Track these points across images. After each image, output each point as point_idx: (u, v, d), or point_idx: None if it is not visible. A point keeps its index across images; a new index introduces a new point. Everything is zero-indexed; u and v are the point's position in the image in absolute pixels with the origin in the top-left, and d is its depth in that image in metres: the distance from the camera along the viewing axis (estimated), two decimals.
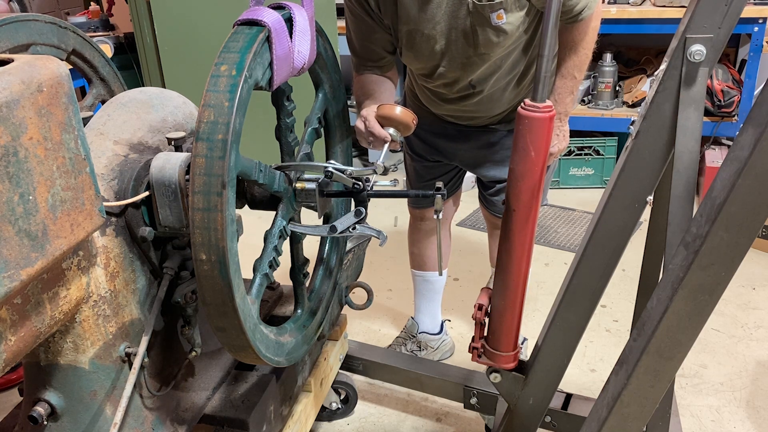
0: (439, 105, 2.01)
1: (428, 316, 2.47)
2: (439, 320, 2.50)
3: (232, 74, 1.11)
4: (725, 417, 2.16)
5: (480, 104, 1.94)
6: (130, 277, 1.31)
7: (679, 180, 1.16)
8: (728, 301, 2.76)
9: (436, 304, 2.47)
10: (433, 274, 2.37)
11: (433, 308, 2.47)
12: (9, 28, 1.40)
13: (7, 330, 1.02)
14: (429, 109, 2.05)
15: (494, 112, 1.99)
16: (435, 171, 2.18)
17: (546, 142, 1.28)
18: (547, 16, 1.20)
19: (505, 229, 1.37)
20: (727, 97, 3.58)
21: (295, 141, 1.44)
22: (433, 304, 2.46)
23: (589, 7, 1.69)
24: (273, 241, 1.33)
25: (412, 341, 2.48)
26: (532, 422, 1.52)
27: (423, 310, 2.47)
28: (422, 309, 2.47)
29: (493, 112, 1.99)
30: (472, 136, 2.06)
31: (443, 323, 2.52)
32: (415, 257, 2.40)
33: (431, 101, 2.02)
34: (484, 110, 1.96)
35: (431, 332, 2.48)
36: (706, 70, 1.13)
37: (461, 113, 2.01)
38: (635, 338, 1.16)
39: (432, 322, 2.48)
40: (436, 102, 2.00)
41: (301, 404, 1.77)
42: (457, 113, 2.01)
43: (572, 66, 1.77)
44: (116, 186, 1.29)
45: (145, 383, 1.36)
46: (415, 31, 1.74)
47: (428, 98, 2.02)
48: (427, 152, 2.14)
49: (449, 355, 2.53)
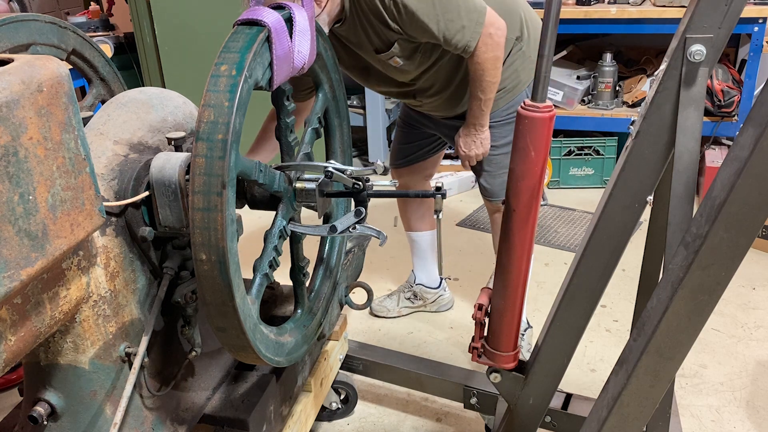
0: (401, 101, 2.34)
1: (423, 272, 2.73)
2: (435, 276, 2.74)
3: (232, 74, 1.11)
4: (725, 417, 2.16)
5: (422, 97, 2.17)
6: (130, 277, 1.31)
7: (679, 180, 1.16)
8: (728, 301, 2.76)
9: (428, 261, 2.70)
10: (417, 234, 2.63)
11: (427, 265, 2.71)
12: (9, 28, 1.40)
13: (7, 330, 1.02)
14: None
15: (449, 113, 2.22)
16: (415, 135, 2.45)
17: (546, 142, 1.28)
18: (547, 16, 1.20)
19: (505, 229, 1.37)
20: (727, 97, 3.58)
21: (295, 141, 1.44)
22: (424, 261, 2.70)
23: (469, 45, 1.89)
24: (273, 241, 1.33)
25: (410, 290, 2.76)
26: (532, 422, 1.52)
27: (418, 266, 2.73)
28: (417, 265, 2.73)
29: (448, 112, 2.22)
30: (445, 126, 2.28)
31: (442, 279, 2.75)
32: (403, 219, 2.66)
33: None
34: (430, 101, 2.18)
35: (428, 285, 2.74)
36: (706, 70, 1.13)
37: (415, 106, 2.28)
38: (635, 338, 1.16)
39: (428, 277, 2.74)
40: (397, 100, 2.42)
41: (301, 404, 1.77)
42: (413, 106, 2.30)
43: (477, 89, 1.99)
44: (116, 186, 1.29)
45: (145, 383, 1.36)
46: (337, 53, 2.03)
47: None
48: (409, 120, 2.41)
49: (446, 308, 2.79)
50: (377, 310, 2.78)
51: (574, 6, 3.66)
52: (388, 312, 2.77)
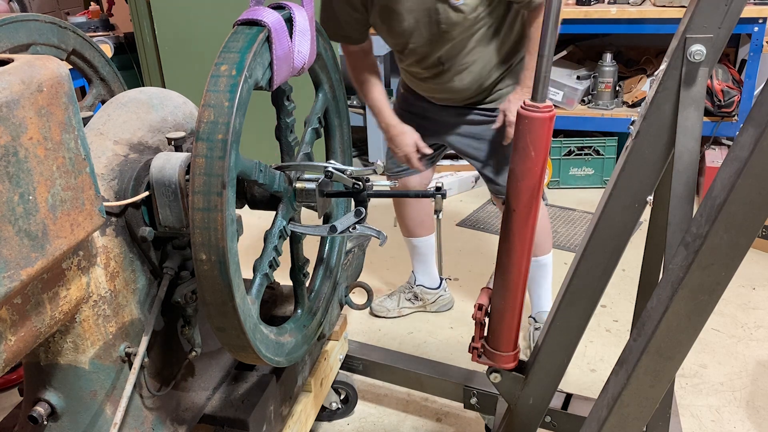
0: (417, 84, 2.26)
1: (423, 274, 2.75)
2: (435, 277, 2.75)
3: (232, 74, 1.11)
4: (725, 417, 2.16)
5: (449, 82, 2.14)
6: (130, 277, 1.31)
7: (679, 180, 1.16)
8: (728, 301, 2.76)
9: (428, 264, 2.71)
10: (417, 239, 2.63)
11: (427, 267, 2.72)
12: (9, 28, 1.40)
13: (7, 330, 1.02)
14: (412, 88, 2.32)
15: (467, 94, 2.18)
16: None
17: (546, 142, 1.28)
18: (547, 17, 1.20)
19: (505, 229, 1.37)
20: (727, 97, 3.58)
21: (295, 141, 1.44)
22: (424, 264, 2.72)
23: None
24: (273, 241, 1.33)
25: (410, 291, 2.77)
26: (532, 422, 1.52)
27: (418, 269, 2.75)
28: (417, 267, 2.75)
29: (466, 94, 2.18)
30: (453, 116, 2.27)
31: (442, 280, 2.76)
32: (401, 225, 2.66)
33: (411, 80, 2.28)
34: (455, 87, 2.15)
35: (428, 286, 2.75)
36: (706, 70, 1.13)
37: (435, 92, 2.22)
38: (635, 338, 1.16)
39: (428, 278, 2.75)
40: (415, 81, 2.25)
41: (301, 404, 1.77)
42: (433, 92, 2.24)
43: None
44: (116, 186, 1.29)
45: (145, 383, 1.36)
46: (386, 8, 1.98)
47: (408, 77, 2.29)
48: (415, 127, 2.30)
49: (446, 309, 2.80)
50: (377, 310, 2.78)
51: (574, 6, 3.66)
52: (388, 312, 2.77)
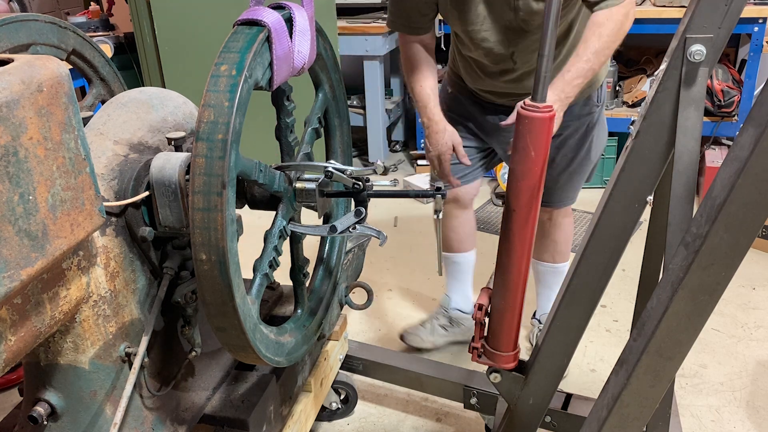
0: (478, 78, 2.09)
1: (459, 295, 2.51)
2: (470, 300, 2.51)
3: (232, 74, 1.11)
4: (725, 417, 2.16)
5: (517, 82, 2.02)
6: (130, 277, 1.31)
7: (679, 180, 1.16)
8: (728, 301, 2.76)
9: (464, 284, 2.50)
10: (457, 255, 2.42)
11: (463, 288, 2.50)
12: (9, 28, 1.40)
13: (7, 330, 1.02)
14: (466, 85, 2.16)
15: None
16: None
17: (546, 142, 1.28)
18: (547, 17, 1.20)
19: (505, 229, 1.37)
20: (727, 97, 3.58)
21: (295, 141, 1.44)
22: (460, 284, 2.50)
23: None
24: (273, 241, 1.33)
25: (444, 316, 2.51)
26: (532, 422, 1.52)
27: (453, 288, 2.52)
28: (452, 287, 2.52)
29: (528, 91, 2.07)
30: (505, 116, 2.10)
31: None
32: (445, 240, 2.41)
33: (472, 73, 2.10)
34: (521, 88, 2.03)
35: (464, 310, 2.51)
36: (706, 70, 1.13)
37: (498, 89, 2.08)
38: (635, 338, 1.16)
39: (464, 300, 2.51)
40: (477, 74, 2.09)
41: (301, 404, 1.77)
42: (495, 89, 2.09)
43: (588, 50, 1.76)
44: (116, 186, 1.29)
45: (145, 383, 1.36)
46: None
47: (469, 70, 2.11)
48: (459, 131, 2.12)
49: None
50: (410, 340, 2.51)
51: None
52: (422, 342, 2.50)
